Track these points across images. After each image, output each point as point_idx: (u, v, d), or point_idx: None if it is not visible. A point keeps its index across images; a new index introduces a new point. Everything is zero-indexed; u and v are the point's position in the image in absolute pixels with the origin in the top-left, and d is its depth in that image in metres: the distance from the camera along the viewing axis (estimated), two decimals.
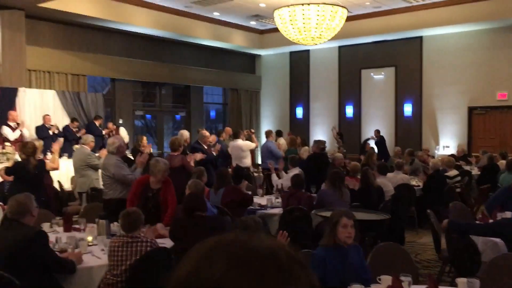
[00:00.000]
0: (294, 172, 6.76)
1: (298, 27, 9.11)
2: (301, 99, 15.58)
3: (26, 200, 3.54)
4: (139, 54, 12.97)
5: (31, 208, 3.52)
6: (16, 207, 3.47)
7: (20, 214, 3.46)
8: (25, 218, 3.48)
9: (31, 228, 3.49)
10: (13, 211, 3.47)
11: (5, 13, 9.77)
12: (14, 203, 3.50)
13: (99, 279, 3.68)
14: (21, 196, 3.61)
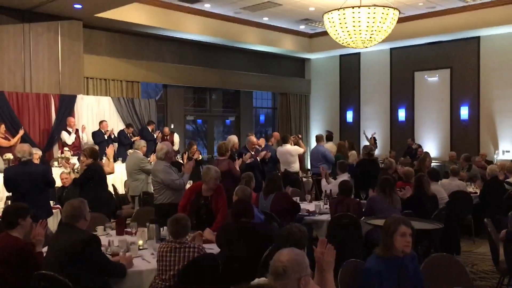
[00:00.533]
0: (343, 178, 6.65)
1: (348, 30, 8.97)
2: (352, 102, 15.34)
3: (80, 205, 3.63)
4: (190, 60, 13.23)
5: (84, 213, 3.61)
6: (70, 212, 3.57)
7: (74, 219, 3.56)
8: (79, 223, 3.57)
9: (85, 232, 3.60)
10: (67, 216, 3.58)
11: (64, 23, 10.25)
12: (68, 207, 3.60)
13: (148, 283, 3.75)
14: (75, 200, 3.71)
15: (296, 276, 2.28)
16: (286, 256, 2.31)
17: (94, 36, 11.26)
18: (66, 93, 10.34)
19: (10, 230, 3.68)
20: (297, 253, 2.37)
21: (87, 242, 3.44)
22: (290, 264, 2.28)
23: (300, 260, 2.33)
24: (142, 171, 7.39)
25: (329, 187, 6.88)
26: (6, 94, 9.46)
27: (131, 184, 7.51)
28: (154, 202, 5.74)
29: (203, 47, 13.43)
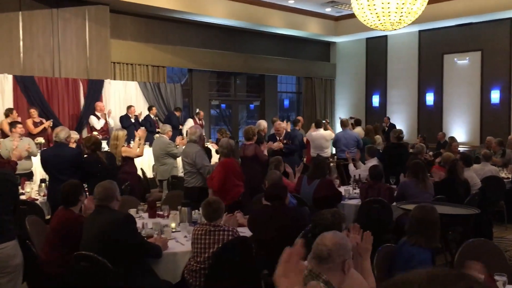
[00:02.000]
0: (372, 163, 6.56)
1: (376, 12, 8.77)
2: (378, 86, 15.10)
3: (110, 185, 3.73)
4: (215, 44, 13.19)
5: (115, 193, 3.70)
6: (102, 193, 3.66)
7: (107, 200, 3.65)
8: (112, 203, 3.67)
9: (120, 212, 3.68)
10: (101, 198, 3.67)
11: (92, 8, 10.32)
12: (100, 189, 3.69)
13: (183, 265, 3.80)
14: (105, 182, 3.81)
15: (341, 259, 2.27)
16: (331, 240, 2.29)
17: (120, 21, 11.31)
18: (94, 78, 10.45)
19: (71, 206, 3.87)
20: (341, 236, 2.36)
21: (124, 221, 3.52)
22: (334, 248, 2.27)
23: (344, 243, 2.33)
24: (169, 155, 7.45)
25: (358, 172, 6.81)
26: (36, 79, 9.62)
27: (159, 169, 7.58)
28: (185, 185, 5.78)
29: (228, 31, 13.36)
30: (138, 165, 8.78)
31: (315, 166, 5.68)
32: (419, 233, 3.14)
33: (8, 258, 3.22)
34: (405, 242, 3.25)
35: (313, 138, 8.92)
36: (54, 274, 3.64)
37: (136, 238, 3.57)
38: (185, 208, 4.68)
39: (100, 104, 10.04)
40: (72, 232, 3.73)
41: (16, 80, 9.34)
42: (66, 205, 3.89)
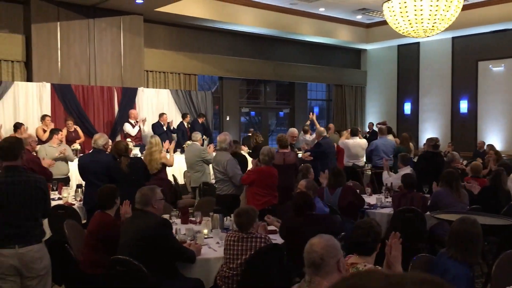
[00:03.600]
0: (405, 171, 6.48)
1: (409, 19, 8.70)
2: (410, 94, 14.90)
3: (148, 192, 3.81)
4: (245, 52, 13.31)
5: (152, 200, 3.76)
6: (140, 198, 3.76)
7: (144, 205, 3.74)
8: (149, 208, 3.75)
9: (157, 217, 3.76)
10: (138, 202, 3.77)
11: (126, 18, 10.59)
12: (139, 194, 3.80)
13: (215, 271, 3.84)
14: (145, 188, 3.91)
15: (334, 260, 2.27)
16: (319, 244, 2.28)
17: (153, 31, 11.55)
18: (127, 86, 10.69)
19: (107, 210, 3.99)
20: (328, 238, 2.35)
21: (162, 225, 3.61)
22: (325, 251, 2.26)
23: (332, 243, 2.32)
24: (203, 161, 7.53)
25: (391, 180, 6.73)
26: (73, 87, 9.91)
27: (192, 176, 7.65)
28: (217, 192, 5.83)
29: (258, 39, 13.46)
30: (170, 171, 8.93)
31: (334, 175, 5.70)
32: (456, 246, 3.07)
33: (33, 260, 3.31)
34: (442, 253, 3.20)
35: (350, 147, 8.82)
36: (93, 276, 3.74)
37: (172, 242, 3.65)
38: (217, 214, 4.74)
39: (134, 112, 10.26)
40: (108, 235, 3.84)
41: (54, 88, 9.65)
42: (102, 208, 4.01)
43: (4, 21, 9.52)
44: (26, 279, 3.30)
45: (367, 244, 2.81)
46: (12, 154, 3.30)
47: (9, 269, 3.21)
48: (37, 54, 9.52)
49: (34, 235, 3.35)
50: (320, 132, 8.54)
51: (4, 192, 3.22)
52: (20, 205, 3.26)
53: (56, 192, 6.44)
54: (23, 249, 3.25)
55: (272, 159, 5.74)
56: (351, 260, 2.80)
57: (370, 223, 2.90)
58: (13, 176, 3.26)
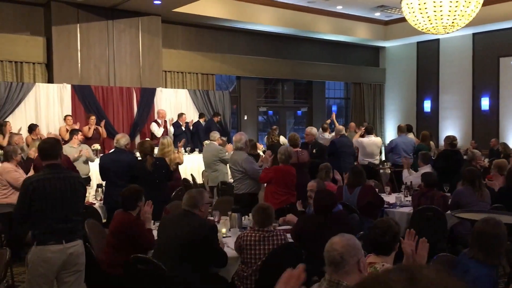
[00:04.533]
0: (425, 170, 6.40)
1: (428, 16, 8.58)
2: (430, 91, 14.70)
3: (196, 195, 3.83)
4: (262, 52, 13.31)
5: (199, 204, 3.79)
6: (187, 200, 3.80)
7: (192, 207, 3.77)
8: (195, 211, 3.77)
9: (206, 220, 3.82)
10: (185, 203, 3.80)
11: (145, 19, 10.69)
12: (187, 196, 3.84)
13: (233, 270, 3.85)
14: (194, 190, 3.96)
15: (355, 260, 2.25)
16: (340, 243, 2.27)
17: (171, 31, 11.63)
18: (146, 86, 10.79)
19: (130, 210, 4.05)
20: (349, 237, 2.33)
21: (212, 229, 3.67)
22: (345, 250, 2.24)
23: (353, 243, 2.30)
24: (221, 161, 7.56)
25: (411, 178, 6.66)
26: (93, 88, 10.06)
27: (210, 175, 7.69)
28: (235, 192, 5.85)
29: (276, 38, 13.45)
30: (189, 171, 9.00)
31: (354, 174, 5.61)
32: (478, 247, 3.02)
33: (78, 255, 3.41)
34: (464, 254, 3.15)
35: (365, 145, 8.74)
36: (114, 274, 3.79)
37: (216, 246, 3.71)
38: (235, 214, 4.76)
39: (162, 111, 10.33)
40: (130, 234, 3.89)
41: (74, 89, 9.80)
42: (125, 208, 4.06)
43: (26, 24, 9.70)
44: (66, 275, 3.35)
45: (385, 244, 2.79)
46: (54, 153, 3.41)
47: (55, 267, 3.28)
48: (58, 55, 9.68)
49: (78, 230, 3.45)
50: (338, 130, 8.49)
51: (52, 187, 3.29)
52: (67, 200, 3.35)
53: None
54: (70, 244, 3.34)
55: (289, 158, 5.74)
56: (369, 259, 2.78)
57: (388, 223, 2.87)
58: (58, 173, 3.36)
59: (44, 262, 3.25)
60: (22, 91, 9.27)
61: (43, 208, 3.25)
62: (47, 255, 3.25)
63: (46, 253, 3.25)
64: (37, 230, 3.28)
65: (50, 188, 3.27)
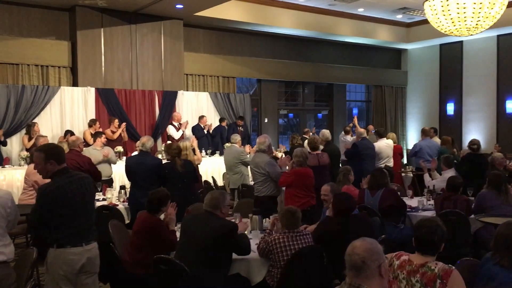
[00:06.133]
0: (449, 174, 6.31)
1: (451, 18, 8.48)
2: (453, 94, 14.49)
3: (218, 196, 3.86)
4: (283, 54, 13.33)
5: (220, 205, 3.82)
6: (209, 201, 3.83)
7: (213, 208, 3.80)
8: (216, 212, 3.80)
9: (227, 221, 3.84)
10: (207, 204, 3.83)
11: (167, 23, 10.82)
12: (209, 196, 3.87)
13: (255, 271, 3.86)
14: (216, 192, 3.99)
15: (376, 264, 2.22)
16: (362, 247, 2.24)
17: (192, 34, 11.75)
18: (168, 89, 10.92)
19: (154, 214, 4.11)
20: (370, 241, 2.29)
21: (232, 229, 3.70)
22: (367, 254, 2.21)
23: (375, 247, 2.27)
24: (242, 163, 7.59)
25: (433, 182, 6.58)
26: (116, 91, 10.22)
27: (231, 178, 7.73)
28: (256, 194, 5.87)
29: (296, 41, 13.45)
30: (210, 173, 9.06)
31: (375, 177, 5.57)
32: (503, 252, 2.96)
33: (96, 256, 3.44)
34: (488, 259, 3.09)
35: (382, 149, 8.67)
36: (137, 274, 3.85)
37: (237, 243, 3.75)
38: (256, 216, 4.77)
39: (178, 114, 10.47)
40: (153, 235, 3.95)
41: (98, 93, 9.97)
42: (149, 211, 4.11)
43: (51, 29, 9.92)
44: (84, 277, 3.36)
45: (433, 243, 2.74)
46: (64, 157, 3.40)
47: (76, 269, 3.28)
48: (82, 59, 9.87)
49: (94, 231, 3.47)
50: (360, 133, 8.45)
51: (72, 192, 3.29)
52: (84, 202, 3.37)
53: (100, 193, 6.66)
54: (89, 245, 3.35)
55: (306, 159, 5.74)
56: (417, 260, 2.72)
57: (436, 222, 2.81)
58: (72, 176, 3.36)
59: (64, 264, 3.25)
60: (47, 94, 9.48)
61: (64, 214, 3.25)
62: (69, 258, 3.25)
63: (67, 256, 3.25)
64: (57, 234, 3.26)
65: (70, 193, 3.27)
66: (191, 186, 5.82)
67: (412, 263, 2.72)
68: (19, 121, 9.23)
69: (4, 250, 3.15)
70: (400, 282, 2.75)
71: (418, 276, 2.67)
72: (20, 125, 9.24)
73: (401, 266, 2.77)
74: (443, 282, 2.60)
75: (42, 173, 3.34)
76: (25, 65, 9.49)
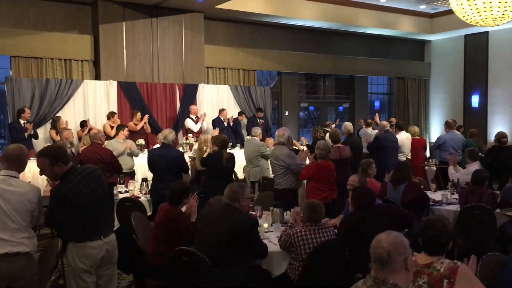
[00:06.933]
0: (473, 167, 6.19)
1: (477, 8, 8.27)
2: (478, 86, 14.18)
3: (237, 189, 3.84)
4: (304, 47, 13.23)
5: (239, 198, 3.79)
6: (228, 193, 3.82)
7: (232, 200, 3.79)
8: (235, 204, 3.79)
9: (248, 215, 3.85)
10: (226, 196, 3.83)
11: (187, 16, 10.84)
12: (228, 189, 3.85)
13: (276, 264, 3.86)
14: (235, 184, 3.97)
15: (402, 258, 2.19)
16: (387, 240, 2.20)
17: (212, 27, 11.74)
18: (188, 82, 10.95)
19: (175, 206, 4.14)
20: (397, 235, 2.26)
21: (253, 224, 3.70)
22: (393, 247, 2.18)
23: (401, 240, 2.23)
24: (262, 156, 7.59)
25: (457, 175, 6.46)
26: (137, 84, 10.30)
27: (251, 171, 7.73)
28: (276, 187, 5.86)
29: (317, 33, 13.33)
30: None
31: (399, 171, 5.50)
32: None
33: (114, 248, 3.47)
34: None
35: (403, 142, 8.56)
36: (159, 265, 3.89)
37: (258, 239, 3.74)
38: (277, 209, 4.76)
39: (195, 107, 10.52)
40: (175, 227, 3.98)
41: (120, 86, 10.07)
42: (171, 202, 4.14)
43: (74, 23, 10.04)
44: (104, 269, 3.41)
45: (439, 245, 2.71)
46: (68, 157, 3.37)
47: (97, 261, 3.33)
48: (105, 53, 9.96)
49: (110, 223, 3.50)
50: (383, 126, 8.35)
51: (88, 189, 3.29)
52: (99, 196, 3.38)
53: (123, 186, 6.74)
54: (107, 238, 3.39)
55: (328, 153, 5.70)
56: (422, 260, 2.68)
57: (442, 222, 2.77)
58: (81, 172, 3.34)
59: (84, 258, 3.28)
60: (71, 87, 9.61)
61: (78, 213, 3.26)
62: (88, 252, 3.28)
63: (86, 250, 3.28)
64: (74, 232, 3.29)
65: (82, 192, 3.27)
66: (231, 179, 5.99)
67: (417, 264, 2.66)
68: (43, 114, 9.39)
69: (28, 242, 3.21)
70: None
71: (424, 277, 2.61)
72: (44, 118, 9.41)
73: None
74: (451, 281, 2.55)
75: (51, 176, 3.32)
76: (49, 59, 9.64)
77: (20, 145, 3.45)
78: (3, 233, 3.11)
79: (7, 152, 3.37)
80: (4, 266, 3.08)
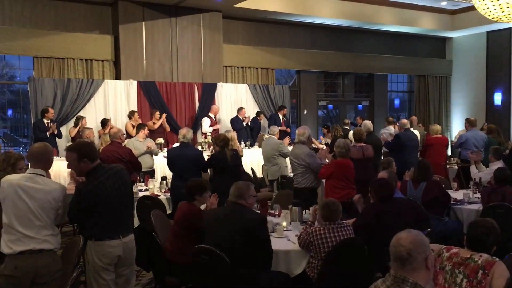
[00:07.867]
0: (497, 165, 6.07)
1: (499, 4, 8.11)
2: (501, 83, 13.91)
3: (242, 187, 3.85)
4: (323, 45, 13.16)
5: (245, 195, 3.79)
6: (234, 191, 3.83)
7: (237, 197, 3.79)
8: (241, 202, 3.78)
9: (256, 212, 3.87)
10: (232, 194, 3.84)
11: (206, 15, 10.89)
12: (234, 187, 3.86)
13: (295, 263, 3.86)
14: (240, 182, 3.97)
15: (422, 256, 2.17)
16: (407, 239, 2.19)
17: (231, 26, 11.77)
18: (207, 81, 11.01)
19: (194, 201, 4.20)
20: (416, 233, 2.24)
21: (263, 221, 3.71)
22: (413, 246, 2.17)
23: (422, 239, 2.22)
24: (280, 155, 7.57)
25: (480, 174, 6.35)
26: (157, 84, 10.40)
27: (269, 169, 7.72)
28: (295, 186, 5.84)
29: (336, 31, 13.25)
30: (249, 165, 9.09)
31: (420, 169, 5.44)
32: None
33: (132, 248, 3.49)
34: None
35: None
36: (178, 263, 3.91)
37: (266, 237, 3.72)
38: (295, 207, 4.75)
39: (215, 107, 10.58)
40: (194, 224, 4.00)
41: (139, 85, 10.18)
42: (189, 199, 4.17)
43: (95, 23, 10.17)
44: (122, 269, 3.43)
45: (486, 243, 2.79)
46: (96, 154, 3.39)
47: (114, 259, 3.35)
48: (125, 53, 10.08)
49: (131, 223, 3.53)
50: (403, 124, 8.26)
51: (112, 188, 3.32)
52: (122, 196, 3.39)
53: (143, 184, 6.81)
54: (126, 238, 3.40)
55: (348, 151, 5.66)
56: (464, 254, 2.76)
57: (492, 223, 2.84)
58: (107, 171, 3.37)
59: (103, 256, 3.31)
60: (92, 87, 9.75)
61: (102, 211, 3.29)
62: (107, 250, 3.31)
63: (105, 248, 3.31)
64: (95, 230, 3.32)
65: (107, 191, 3.29)
66: (239, 176, 5.94)
67: (459, 255, 2.77)
68: (65, 113, 9.55)
69: (52, 240, 3.26)
70: (446, 273, 2.80)
71: (462, 268, 2.72)
72: (66, 117, 9.57)
73: (449, 258, 2.82)
74: (485, 273, 2.64)
75: (76, 171, 3.36)
76: (70, 59, 9.79)
77: (45, 143, 3.51)
78: (28, 230, 3.17)
79: (32, 150, 3.42)
80: (29, 262, 3.14)
